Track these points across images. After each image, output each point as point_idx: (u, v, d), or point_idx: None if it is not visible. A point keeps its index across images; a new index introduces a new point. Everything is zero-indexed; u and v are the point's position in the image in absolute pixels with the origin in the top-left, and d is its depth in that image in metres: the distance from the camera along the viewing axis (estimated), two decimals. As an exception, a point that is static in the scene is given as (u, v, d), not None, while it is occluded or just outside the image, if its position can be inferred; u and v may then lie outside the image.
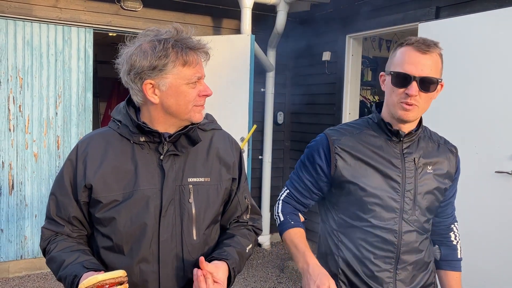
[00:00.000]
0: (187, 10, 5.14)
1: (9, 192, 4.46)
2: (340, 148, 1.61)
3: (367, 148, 1.61)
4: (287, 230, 1.63)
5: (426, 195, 1.62)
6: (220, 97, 4.77)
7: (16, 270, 4.53)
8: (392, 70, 1.55)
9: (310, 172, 1.67)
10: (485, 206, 3.50)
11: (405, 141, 1.62)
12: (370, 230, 1.59)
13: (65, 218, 1.47)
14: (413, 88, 1.49)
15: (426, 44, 1.52)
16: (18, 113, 4.43)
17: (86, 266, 1.37)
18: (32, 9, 4.40)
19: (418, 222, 1.62)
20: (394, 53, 1.58)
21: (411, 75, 1.50)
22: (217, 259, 1.42)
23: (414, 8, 4.22)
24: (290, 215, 1.67)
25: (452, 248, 1.79)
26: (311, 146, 1.71)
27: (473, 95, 3.54)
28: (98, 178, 1.41)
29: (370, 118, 1.69)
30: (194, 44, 1.39)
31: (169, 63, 1.36)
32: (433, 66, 1.51)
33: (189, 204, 1.45)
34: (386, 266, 1.60)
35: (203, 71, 1.43)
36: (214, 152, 1.54)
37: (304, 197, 1.71)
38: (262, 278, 4.64)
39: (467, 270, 3.58)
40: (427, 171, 1.63)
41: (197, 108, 1.43)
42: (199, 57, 1.40)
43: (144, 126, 1.41)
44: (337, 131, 1.67)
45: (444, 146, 1.71)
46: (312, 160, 1.67)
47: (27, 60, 4.44)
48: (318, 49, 5.39)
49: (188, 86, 1.39)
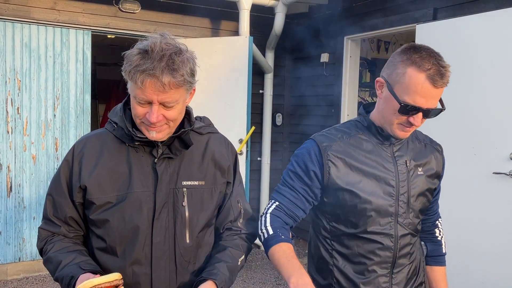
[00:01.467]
0: (185, 12, 5.14)
1: (7, 194, 4.46)
2: (333, 155, 1.55)
3: (359, 153, 1.57)
4: (277, 244, 1.48)
5: (418, 197, 1.61)
6: (218, 99, 4.77)
7: (15, 272, 4.52)
8: (402, 100, 1.44)
9: (303, 180, 1.58)
10: (483, 207, 3.50)
11: (395, 144, 1.59)
12: (366, 236, 1.56)
13: (61, 219, 1.47)
14: (418, 118, 1.46)
15: (440, 74, 1.41)
16: (16, 115, 4.43)
17: (82, 267, 1.37)
18: (30, 11, 4.40)
19: (412, 225, 1.62)
20: (404, 70, 1.44)
21: (420, 107, 1.43)
22: (205, 280, 1.39)
23: (412, 9, 4.23)
24: (280, 229, 1.53)
25: (437, 244, 1.80)
26: (301, 154, 1.61)
27: (471, 96, 3.55)
28: (93, 179, 1.42)
29: (358, 121, 1.64)
30: (144, 68, 1.28)
31: (126, 70, 1.34)
32: (440, 96, 1.47)
33: (182, 208, 1.45)
34: (383, 271, 1.59)
35: (158, 97, 1.31)
36: (209, 155, 1.53)
37: (296, 208, 1.59)
38: (261, 280, 4.64)
39: (465, 271, 3.59)
40: (418, 173, 1.61)
41: (144, 126, 1.38)
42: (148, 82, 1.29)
43: (133, 135, 1.41)
44: (326, 137, 1.60)
45: (430, 145, 1.69)
46: (305, 167, 1.58)
47: (25, 62, 4.43)
48: (316, 51, 5.39)
49: (135, 101, 1.35)
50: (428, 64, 1.40)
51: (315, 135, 1.63)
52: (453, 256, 3.70)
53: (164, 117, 1.36)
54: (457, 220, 3.64)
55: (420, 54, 1.43)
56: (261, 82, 5.57)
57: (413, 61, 1.42)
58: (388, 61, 1.53)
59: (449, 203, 3.67)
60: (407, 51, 1.45)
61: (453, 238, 3.71)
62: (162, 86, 1.29)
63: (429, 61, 1.41)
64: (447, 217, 3.69)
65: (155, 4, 4.93)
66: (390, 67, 1.50)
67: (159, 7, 4.97)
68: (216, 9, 5.24)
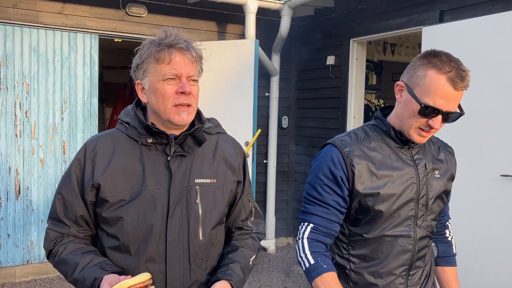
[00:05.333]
0: (192, 16, 5.16)
1: (16, 197, 4.49)
2: (355, 161, 1.53)
3: (380, 158, 1.56)
4: (321, 275, 1.46)
5: (436, 199, 1.63)
6: (224, 102, 4.78)
7: (23, 275, 4.55)
8: (422, 101, 1.45)
9: (333, 190, 1.53)
10: (491, 210, 3.49)
11: (414, 148, 1.61)
12: (386, 239, 1.57)
13: (72, 218, 1.47)
14: (438, 121, 1.46)
15: (461, 77, 1.42)
16: (24, 119, 4.47)
17: (104, 268, 1.38)
18: (38, 16, 4.44)
19: (430, 227, 1.63)
20: (424, 73, 1.46)
21: (440, 109, 1.44)
22: (220, 280, 1.43)
23: (418, 12, 4.22)
24: (321, 256, 1.50)
25: (448, 244, 1.82)
26: (324, 162, 1.56)
27: (478, 98, 3.54)
28: (106, 177, 1.42)
29: (376, 125, 1.63)
30: (169, 42, 1.40)
31: (145, 61, 1.41)
32: (460, 99, 1.46)
33: (196, 205, 1.47)
34: (400, 273, 1.60)
35: (185, 70, 1.40)
36: (220, 154, 1.56)
37: (332, 223, 1.54)
38: (268, 282, 4.64)
39: (471, 273, 3.57)
40: (435, 176, 1.63)
41: (176, 109, 1.41)
42: (176, 55, 1.39)
43: (152, 127, 1.43)
44: (346, 141, 1.57)
45: (444, 148, 1.72)
46: (331, 175, 1.53)
47: (33, 66, 4.47)
48: (322, 53, 5.40)
49: (164, 82, 1.40)
50: (448, 67, 1.42)
51: (334, 140, 1.60)
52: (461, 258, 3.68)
53: (191, 92, 1.42)
54: (464, 223, 3.62)
55: (440, 58, 1.45)
56: (267, 85, 5.58)
57: (434, 64, 1.44)
58: (408, 66, 1.55)
59: (456, 205, 3.66)
60: (427, 55, 1.48)
61: (460, 240, 3.69)
62: (191, 55, 1.41)
63: (449, 64, 1.43)
64: (454, 219, 3.67)
65: (161, 8, 4.96)
66: (410, 71, 1.52)
67: (165, 10, 5.00)
68: (222, 13, 5.26)
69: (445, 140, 1.79)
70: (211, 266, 1.52)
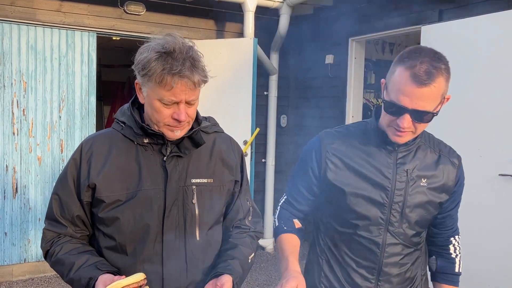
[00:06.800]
0: (190, 14, 5.15)
1: (13, 196, 4.47)
2: (331, 153, 1.57)
3: (359, 155, 1.54)
4: (279, 236, 1.63)
5: (416, 208, 1.54)
6: (223, 100, 4.77)
7: (20, 273, 4.53)
8: (385, 97, 1.43)
9: (302, 177, 1.64)
10: (489, 209, 3.48)
11: (400, 151, 1.54)
12: (355, 237, 1.56)
13: (68, 218, 1.46)
14: (405, 120, 1.39)
15: (428, 73, 1.33)
16: (22, 117, 4.45)
17: (99, 268, 1.37)
18: (36, 14, 4.42)
19: (404, 236, 1.56)
20: (394, 68, 1.42)
21: (405, 107, 1.37)
22: (221, 274, 1.42)
23: (417, 10, 4.22)
24: (285, 220, 1.65)
25: (450, 261, 1.69)
26: (304, 149, 1.67)
27: (477, 97, 3.53)
28: (102, 177, 1.42)
29: (367, 122, 1.61)
30: (177, 71, 1.31)
31: (147, 75, 1.35)
32: (431, 98, 1.36)
33: (192, 205, 1.46)
34: (368, 276, 1.58)
35: (185, 96, 1.35)
36: (216, 154, 1.55)
37: (299, 204, 1.67)
38: (265, 281, 4.63)
39: (470, 273, 3.56)
40: (420, 184, 1.54)
41: (169, 127, 1.40)
42: (179, 83, 1.32)
43: (148, 128, 1.42)
44: (332, 134, 1.62)
45: (446, 157, 1.60)
46: (305, 163, 1.64)
47: (31, 64, 4.45)
48: (321, 52, 5.39)
49: (162, 104, 1.36)
50: (416, 63, 1.34)
51: (323, 131, 1.65)
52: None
53: (187, 114, 1.39)
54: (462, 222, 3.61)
55: (412, 54, 1.39)
56: (266, 84, 5.57)
57: (403, 60, 1.39)
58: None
59: (455, 205, 3.66)
60: (403, 51, 1.44)
61: (458, 240, 3.69)
62: (194, 84, 1.34)
63: (418, 60, 1.35)
64: (452, 219, 3.67)
65: (160, 6, 4.94)
66: (390, 68, 1.48)
67: (164, 9, 4.98)
68: (221, 11, 5.25)
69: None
70: (208, 267, 1.50)
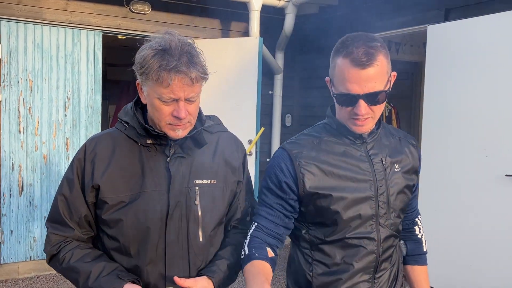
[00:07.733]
0: (196, 13, 5.15)
1: (19, 194, 4.50)
2: (305, 162, 1.46)
3: (332, 157, 1.48)
4: (249, 262, 1.41)
5: (398, 195, 1.53)
6: (228, 100, 4.77)
7: (25, 271, 4.56)
8: (335, 92, 1.41)
9: (277, 194, 1.49)
10: (495, 210, 3.47)
11: (369, 142, 1.51)
12: (349, 242, 1.48)
13: (76, 220, 1.45)
14: (361, 107, 1.37)
15: (367, 54, 1.34)
16: (28, 115, 4.47)
17: (121, 277, 1.37)
18: (42, 12, 4.44)
19: (394, 225, 1.53)
20: (334, 61, 1.41)
21: (356, 94, 1.36)
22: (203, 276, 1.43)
23: (423, 10, 4.20)
24: (256, 248, 1.45)
25: (417, 242, 1.72)
26: (271, 166, 1.53)
27: (483, 97, 3.51)
28: (106, 178, 1.41)
29: (326, 123, 1.56)
30: (169, 64, 1.30)
31: (145, 74, 1.35)
32: (378, 77, 1.36)
33: (195, 206, 1.45)
34: (365, 277, 1.51)
35: (184, 93, 1.34)
36: (220, 154, 1.54)
37: (276, 226, 1.50)
38: (270, 281, 4.63)
39: (475, 273, 3.55)
40: (395, 170, 1.53)
41: (171, 126, 1.39)
42: (176, 79, 1.31)
43: (151, 130, 1.41)
44: (296, 143, 1.52)
45: (405, 140, 1.61)
46: (276, 180, 1.49)
47: (37, 63, 4.47)
48: (326, 52, 5.36)
49: (161, 102, 1.35)
50: (352, 49, 1.36)
51: (284, 143, 1.56)
52: (464, 258, 3.67)
53: (188, 112, 1.38)
54: (469, 222, 3.60)
55: (345, 42, 1.40)
56: (271, 83, 5.57)
57: (338, 51, 1.40)
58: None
59: (461, 205, 3.64)
60: (336, 44, 1.43)
61: (463, 240, 3.67)
62: (191, 80, 1.32)
63: (353, 45, 1.36)
64: (460, 220, 3.66)
65: (165, 5, 4.95)
66: (330, 62, 1.46)
67: (169, 8, 4.99)
68: (226, 10, 5.25)
69: (449, 139, 1.73)
70: None
